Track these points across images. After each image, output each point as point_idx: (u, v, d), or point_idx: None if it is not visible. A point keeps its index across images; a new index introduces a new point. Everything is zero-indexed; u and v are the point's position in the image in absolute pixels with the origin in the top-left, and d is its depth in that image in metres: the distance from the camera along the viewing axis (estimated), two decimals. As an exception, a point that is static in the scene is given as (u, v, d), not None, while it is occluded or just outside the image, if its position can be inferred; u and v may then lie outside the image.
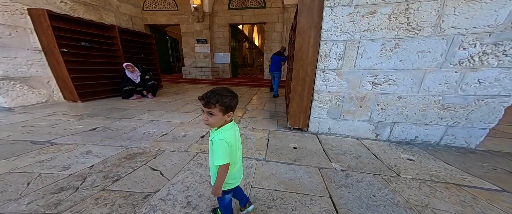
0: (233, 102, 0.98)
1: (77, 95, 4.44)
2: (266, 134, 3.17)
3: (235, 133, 1.07)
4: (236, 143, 1.08)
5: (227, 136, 0.99)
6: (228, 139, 0.98)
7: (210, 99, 0.92)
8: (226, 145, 0.96)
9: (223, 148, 0.96)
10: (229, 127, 1.03)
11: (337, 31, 2.42)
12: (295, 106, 3.02)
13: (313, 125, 3.03)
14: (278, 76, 6.20)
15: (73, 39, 4.54)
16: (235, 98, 1.00)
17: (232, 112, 1.00)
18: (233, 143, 1.02)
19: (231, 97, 0.96)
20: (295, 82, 2.87)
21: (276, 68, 6.06)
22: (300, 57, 2.71)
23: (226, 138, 0.97)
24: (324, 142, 2.79)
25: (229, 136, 1.00)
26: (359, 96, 2.63)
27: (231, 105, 0.97)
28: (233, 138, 1.02)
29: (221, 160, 0.96)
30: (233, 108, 1.00)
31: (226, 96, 0.93)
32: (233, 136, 1.04)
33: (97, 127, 3.26)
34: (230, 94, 0.96)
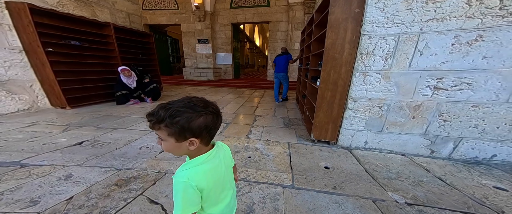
0: (195, 122, 0.60)
1: (65, 100, 3.87)
2: (286, 148, 2.63)
3: (215, 168, 0.71)
4: (217, 183, 0.71)
5: (194, 175, 0.63)
6: (195, 181, 0.62)
7: (153, 116, 0.60)
8: (190, 189, 0.61)
9: (184, 194, 0.62)
10: (204, 160, 0.68)
11: (386, 22, 1.87)
12: (322, 115, 2.46)
13: (344, 138, 2.48)
14: (286, 78, 5.47)
15: (61, 37, 3.97)
16: (201, 115, 0.61)
17: (194, 138, 0.62)
18: (206, 185, 0.65)
19: (191, 114, 0.59)
20: (323, 87, 2.32)
21: (283, 69, 5.35)
22: (332, 55, 2.16)
23: (192, 178, 0.62)
24: (363, 160, 2.24)
25: (198, 175, 0.64)
26: (413, 105, 2.07)
27: (191, 127, 0.60)
28: (205, 178, 0.66)
29: (179, 210, 0.61)
30: (197, 132, 0.61)
31: (180, 112, 0.59)
32: (208, 174, 0.67)
33: (84, 141, 2.70)
34: (191, 110, 0.60)
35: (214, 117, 0.65)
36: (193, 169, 0.66)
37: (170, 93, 6.80)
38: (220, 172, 0.74)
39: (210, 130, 0.65)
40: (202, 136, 0.64)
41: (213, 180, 0.70)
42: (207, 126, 0.63)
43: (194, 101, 0.64)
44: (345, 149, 2.54)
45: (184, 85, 9.30)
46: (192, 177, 0.63)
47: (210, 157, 0.71)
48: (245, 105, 5.08)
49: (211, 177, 0.69)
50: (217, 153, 0.75)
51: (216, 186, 0.72)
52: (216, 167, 0.72)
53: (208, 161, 0.69)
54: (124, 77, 4.48)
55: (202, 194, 0.66)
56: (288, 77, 5.46)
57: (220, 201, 0.77)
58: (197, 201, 0.65)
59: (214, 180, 0.70)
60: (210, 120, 0.64)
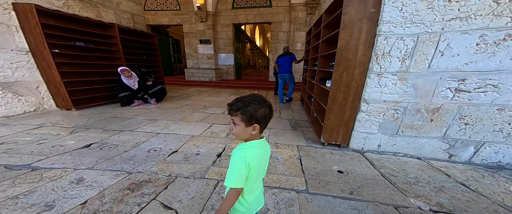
0: (259, 112, 0.77)
1: (71, 102, 3.84)
2: (295, 151, 2.60)
3: (262, 154, 0.84)
4: (260, 167, 0.85)
5: (249, 154, 0.78)
6: (248, 158, 0.77)
7: (232, 106, 0.79)
8: (243, 165, 0.76)
9: (239, 168, 0.76)
10: (256, 144, 0.82)
11: (404, 22, 1.84)
12: (333, 118, 2.44)
13: (356, 141, 2.45)
14: (291, 78, 5.32)
15: (67, 39, 3.94)
16: (263, 107, 0.78)
17: (257, 124, 0.78)
18: (254, 166, 0.79)
19: (257, 105, 0.77)
20: (335, 89, 2.29)
21: (288, 69, 5.20)
22: (345, 57, 2.13)
23: (247, 156, 0.77)
24: (377, 164, 2.21)
25: (252, 156, 0.78)
26: (431, 107, 2.04)
27: (256, 115, 0.77)
28: (256, 160, 0.80)
29: (232, 182, 0.76)
30: (259, 120, 0.78)
31: (250, 103, 0.76)
32: (257, 157, 0.81)
33: (92, 143, 2.68)
34: (256, 102, 0.77)
35: (270, 109, 0.80)
36: (249, 150, 0.79)
37: (173, 94, 6.77)
38: (264, 159, 0.87)
39: (267, 120, 0.80)
40: (261, 123, 0.79)
41: (258, 164, 0.82)
42: (266, 115, 0.78)
43: (257, 96, 0.80)
44: (357, 152, 2.52)
45: (186, 86, 9.28)
46: (247, 155, 0.77)
47: (261, 144, 0.84)
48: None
49: (258, 160, 0.81)
50: (265, 144, 0.88)
51: (258, 172, 0.84)
52: (263, 154, 0.85)
53: (259, 147, 0.82)
54: (124, 78, 4.44)
55: (249, 173, 0.78)
56: (293, 77, 5.38)
57: (255, 189, 0.89)
58: (244, 178, 0.77)
59: (259, 164, 0.82)
60: (268, 111, 0.79)
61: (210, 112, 4.38)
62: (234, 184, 0.76)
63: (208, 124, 3.56)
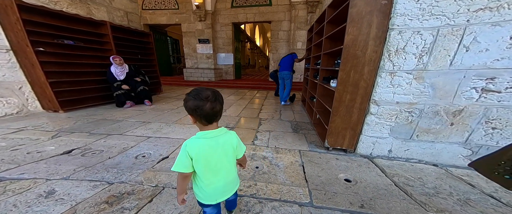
0: (188, 104, 0.84)
1: (58, 103, 3.59)
2: (297, 156, 2.35)
3: (208, 146, 0.87)
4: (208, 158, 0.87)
5: (190, 143, 0.86)
6: (189, 147, 0.84)
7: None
8: (184, 152, 0.84)
9: (180, 154, 0.85)
10: (201, 135, 0.88)
11: (422, 14, 1.58)
12: (338, 120, 2.18)
13: (364, 145, 2.20)
14: (290, 77, 4.94)
15: (53, 36, 3.69)
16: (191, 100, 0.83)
17: (190, 115, 0.87)
18: (196, 155, 0.84)
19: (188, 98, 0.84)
20: (341, 89, 2.03)
21: (287, 67, 4.89)
22: (353, 54, 1.87)
23: (188, 145, 0.85)
24: (389, 172, 1.96)
25: (192, 145, 0.85)
26: (452, 110, 1.78)
27: (186, 107, 0.85)
28: (197, 149, 0.85)
29: (174, 165, 0.86)
30: (190, 111, 0.84)
31: (186, 96, 0.85)
32: (199, 147, 0.85)
33: (74, 149, 2.43)
34: (189, 96, 0.84)
35: (200, 102, 0.81)
36: (192, 140, 0.87)
37: (170, 94, 6.52)
38: (213, 152, 0.88)
39: (197, 111, 0.82)
40: (194, 115, 0.84)
41: (204, 154, 0.86)
42: (196, 107, 0.81)
43: (196, 89, 0.85)
44: (365, 158, 2.26)
45: (185, 86, 9.03)
46: (188, 144, 0.85)
47: (207, 136, 0.87)
48: (248, 108, 4.80)
49: (201, 150, 0.85)
50: (217, 136, 0.89)
51: (206, 162, 0.87)
52: (211, 147, 0.87)
53: (203, 138, 0.87)
54: (114, 66, 4.18)
55: (193, 161, 0.85)
56: (292, 76, 5.01)
57: (214, 181, 0.93)
58: (187, 164, 0.84)
59: (204, 155, 0.86)
60: (196, 104, 0.81)
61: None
62: (174, 168, 0.85)
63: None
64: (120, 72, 4.28)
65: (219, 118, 0.91)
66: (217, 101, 0.85)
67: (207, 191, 0.93)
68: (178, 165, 0.85)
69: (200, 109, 0.82)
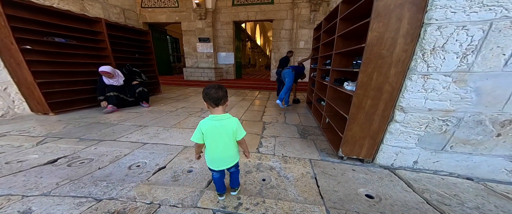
0: (203, 94, 1.20)
1: (47, 105, 3.32)
2: (308, 167, 2.10)
3: (213, 126, 1.21)
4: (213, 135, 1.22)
5: (203, 122, 1.22)
6: (201, 125, 1.22)
7: None
8: (198, 128, 1.22)
9: (197, 129, 1.23)
10: (210, 117, 1.22)
11: (469, 5, 1.30)
12: (356, 128, 1.91)
13: (385, 156, 1.94)
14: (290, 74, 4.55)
15: (43, 34, 3.41)
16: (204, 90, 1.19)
17: (205, 102, 1.21)
18: (205, 131, 1.21)
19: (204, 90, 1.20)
20: (361, 93, 1.76)
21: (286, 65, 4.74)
22: (377, 53, 1.60)
23: (201, 123, 1.23)
24: (418, 186, 1.69)
25: (204, 123, 1.22)
26: (501, 119, 1.50)
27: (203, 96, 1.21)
28: (206, 127, 1.21)
29: (193, 136, 1.24)
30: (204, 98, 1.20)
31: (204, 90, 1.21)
32: (208, 126, 1.21)
33: (60, 157, 2.17)
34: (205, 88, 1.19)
35: (208, 90, 1.17)
36: (205, 119, 1.23)
37: (169, 95, 6.24)
38: (214, 131, 1.22)
39: (207, 96, 1.18)
40: (206, 100, 1.20)
41: (208, 131, 1.21)
42: (206, 94, 1.18)
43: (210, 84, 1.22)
44: (386, 169, 2.00)
45: (185, 86, 8.75)
46: (202, 122, 1.23)
47: (214, 118, 1.21)
48: (251, 110, 4.54)
49: (207, 128, 1.21)
50: (221, 120, 1.22)
51: (212, 138, 1.23)
52: (213, 127, 1.22)
53: (212, 119, 1.21)
54: (106, 79, 3.91)
55: (203, 136, 1.23)
56: (292, 74, 4.54)
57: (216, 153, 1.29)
58: (199, 137, 1.23)
59: (209, 132, 1.22)
60: (206, 91, 1.17)
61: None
62: (193, 139, 1.24)
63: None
64: (115, 81, 4.01)
65: (223, 102, 1.21)
66: (220, 89, 1.18)
67: (211, 158, 1.30)
68: (194, 137, 1.23)
69: (209, 94, 1.16)
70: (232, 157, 1.34)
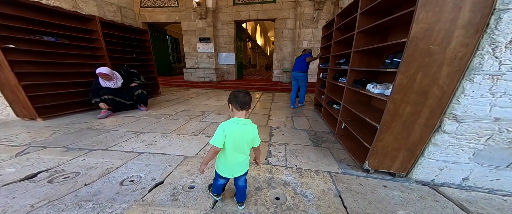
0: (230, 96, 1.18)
1: (34, 110, 2.98)
2: (329, 182, 1.79)
3: (237, 129, 1.14)
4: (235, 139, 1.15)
5: (227, 124, 1.14)
6: (224, 126, 1.13)
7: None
8: (221, 129, 1.12)
9: (218, 131, 1.13)
10: (233, 120, 1.15)
11: None
12: (389, 138, 1.59)
13: (425, 170, 1.63)
14: (304, 78, 4.48)
15: (29, 32, 3.07)
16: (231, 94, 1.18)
17: (229, 104, 1.19)
18: (229, 133, 1.12)
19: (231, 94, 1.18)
20: (398, 98, 1.44)
21: (301, 67, 4.40)
22: (424, 49, 1.28)
23: (225, 124, 1.14)
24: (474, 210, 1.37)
25: (228, 125, 1.13)
26: None
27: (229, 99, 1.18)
28: (230, 129, 1.13)
29: (213, 140, 1.13)
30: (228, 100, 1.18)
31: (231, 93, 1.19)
32: (232, 128, 1.13)
33: (40, 172, 1.85)
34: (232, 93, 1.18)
35: (237, 93, 1.15)
36: (228, 122, 1.15)
37: (169, 97, 5.90)
38: (237, 134, 1.15)
39: (235, 98, 1.14)
40: (233, 102, 1.16)
41: (231, 134, 1.13)
42: (234, 96, 1.15)
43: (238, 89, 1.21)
44: (424, 185, 1.68)
45: (185, 87, 8.41)
46: (225, 124, 1.14)
47: (239, 122, 1.15)
48: (255, 113, 4.21)
49: (231, 131, 1.13)
50: (244, 125, 1.16)
51: (233, 141, 1.15)
52: (237, 130, 1.14)
53: (235, 123, 1.14)
54: (102, 81, 3.57)
55: (225, 138, 1.13)
56: (307, 78, 4.48)
57: (232, 158, 1.20)
58: (221, 140, 1.12)
59: (232, 135, 1.14)
60: (235, 94, 1.16)
61: (209, 121, 3.53)
62: (212, 141, 1.13)
63: (207, 138, 2.72)
64: (112, 84, 3.67)
65: (248, 107, 1.18)
66: (248, 94, 1.17)
67: (227, 165, 1.23)
68: (216, 140, 1.12)
69: (237, 97, 1.14)
70: (245, 163, 1.28)
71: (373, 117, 1.79)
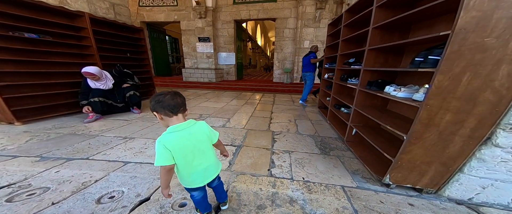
0: (151, 104, 0.96)
1: (11, 113, 2.67)
2: (344, 199, 1.50)
3: (180, 137, 0.94)
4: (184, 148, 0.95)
5: (165, 138, 0.92)
6: (164, 141, 0.90)
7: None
8: (161, 147, 0.90)
9: (159, 150, 0.90)
10: (172, 129, 0.95)
11: None
12: (419, 150, 1.29)
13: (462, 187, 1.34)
14: (311, 78, 4.83)
15: (7, 27, 2.77)
16: (153, 100, 0.95)
17: (155, 112, 0.95)
18: (173, 147, 0.91)
19: (152, 98, 0.96)
20: (435, 104, 1.13)
21: (309, 67, 4.76)
22: (474, 43, 0.98)
23: (163, 140, 0.91)
24: None
25: (167, 139, 0.92)
26: None
27: (151, 107, 0.97)
28: (172, 142, 0.92)
29: (157, 161, 0.90)
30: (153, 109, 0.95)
31: (151, 101, 0.96)
32: (173, 139, 0.92)
33: (2, 187, 1.55)
34: (153, 98, 0.96)
35: (159, 97, 0.93)
36: (164, 135, 0.93)
37: (165, 98, 5.59)
38: (184, 143, 0.95)
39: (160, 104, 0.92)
40: (157, 109, 0.93)
41: (179, 145, 0.93)
42: (157, 102, 0.92)
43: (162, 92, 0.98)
44: (460, 204, 1.38)
45: (183, 88, 8.11)
46: (163, 139, 0.91)
47: (177, 129, 0.95)
48: (256, 116, 3.90)
49: (176, 142, 0.92)
50: (188, 128, 0.97)
51: (183, 152, 0.95)
52: (181, 138, 0.94)
53: (175, 132, 0.94)
54: (91, 82, 3.27)
55: (172, 153, 0.90)
56: (313, 77, 4.78)
57: (194, 167, 1.01)
58: (168, 157, 0.90)
59: (180, 146, 0.93)
60: (156, 99, 0.93)
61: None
62: (158, 163, 0.89)
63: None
64: (102, 84, 3.36)
65: (182, 109, 0.98)
66: (176, 95, 0.96)
67: (191, 178, 1.03)
68: (160, 160, 0.89)
69: (162, 102, 0.92)
70: (214, 165, 1.12)
71: (395, 124, 1.50)
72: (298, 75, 8.90)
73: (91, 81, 3.19)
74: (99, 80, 3.22)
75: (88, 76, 3.08)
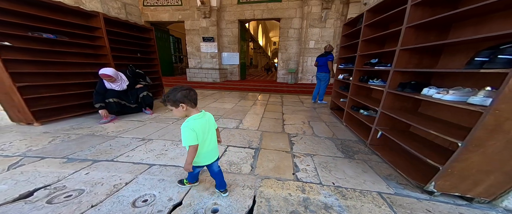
0: (177, 96, 1.15)
1: (31, 114, 2.67)
2: (384, 206, 1.51)
3: (202, 123, 1.24)
4: (204, 131, 1.25)
5: (192, 124, 1.17)
6: (192, 126, 1.16)
7: (164, 101, 1.21)
8: (190, 131, 1.15)
9: (189, 133, 1.16)
10: (195, 117, 1.22)
11: None
12: (477, 158, 1.28)
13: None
14: (326, 79, 5.04)
15: (27, 28, 2.77)
16: (179, 91, 1.16)
17: (183, 103, 1.17)
18: (198, 130, 1.19)
19: (173, 92, 1.17)
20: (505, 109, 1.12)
21: (323, 69, 4.96)
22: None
23: (190, 125, 1.16)
24: None
25: (194, 124, 1.18)
26: None
27: (176, 99, 1.16)
28: (198, 126, 1.19)
29: (188, 142, 1.17)
30: (179, 101, 1.16)
31: (169, 93, 1.18)
32: (198, 124, 1.20)
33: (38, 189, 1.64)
34: (172, 91, 1.17)
35: (186, 91, 1.18)
36: (190, 121, 1.19)
37: (174, 98, 5.58)
38: (205, 126, 1.26)
39: (188, 97, 1.18)
40: (185, 101, 1.17)
41: (201, 129, 1.22)
42: (186, 95, 1.17)
43: (175, 87, 1.19)
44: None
45: (189, 88, 8.07)
46: (189, 124, 1.17)
47: (199, 117, 1.23)
48: (267, 117, 3.90)
49: (200, 126, 1.21)
50: (204, 116, 1.29)
51: (203, 134, 1.25)
52: (202, 124, 1.23)
53: (199, 118, 1.23)
54: (107, 83, 3.26)
55: (196, 135, 1.18)
56: (328, 78, 4.98)
57: (206, 147, 1.30)
58: (195, 137, 1.17)
59: (201, 129, 1.22)
60: (184, 93, 1.17)
61: (220, 126, 3.23)
62: (188, 143, 1.18)
63: (222, 147, 2.43)
64: (117, 86, 3.35)
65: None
66: (193, 90, 1.24)
67: (204, 156, 1.32)
68: (190, 140, 1.17)
69: (190, 95, 1.18)
70: (216, 148, 1.41)
71: (440, 129, 1.50)
72: (303, 75, 8.92)
73: (107, 82, 3.19)
74: (115, 81, 3.22)
75: (105, 78, 3.08)
